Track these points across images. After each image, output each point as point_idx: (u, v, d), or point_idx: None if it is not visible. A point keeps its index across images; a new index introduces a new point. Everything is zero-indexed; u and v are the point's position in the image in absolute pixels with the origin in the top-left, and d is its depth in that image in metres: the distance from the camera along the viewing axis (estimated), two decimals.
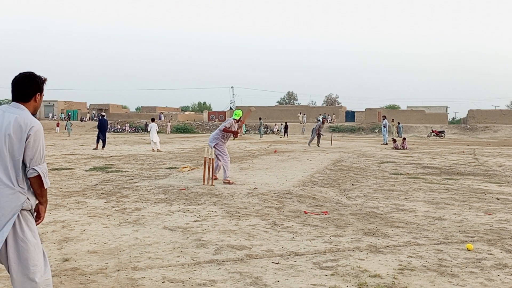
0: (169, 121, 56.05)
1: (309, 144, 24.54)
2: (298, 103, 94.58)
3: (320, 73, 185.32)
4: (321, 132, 24.82)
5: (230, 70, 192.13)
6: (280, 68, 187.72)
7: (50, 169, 11.77)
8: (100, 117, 22.06)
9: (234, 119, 9.69)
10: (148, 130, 22.07)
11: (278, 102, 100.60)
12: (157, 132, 20.47)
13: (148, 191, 8.06)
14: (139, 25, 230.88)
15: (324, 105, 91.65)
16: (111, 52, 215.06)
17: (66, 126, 42.24)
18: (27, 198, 2.73)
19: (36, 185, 2.75)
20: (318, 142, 24.55)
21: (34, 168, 2.70)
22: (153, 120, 21.53)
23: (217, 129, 9.77)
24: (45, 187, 2.79)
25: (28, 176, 2.72)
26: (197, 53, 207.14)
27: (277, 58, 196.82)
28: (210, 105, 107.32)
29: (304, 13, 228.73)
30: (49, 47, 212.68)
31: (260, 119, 45.05)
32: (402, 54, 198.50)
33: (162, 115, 66.70)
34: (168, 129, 51.35)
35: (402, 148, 22.41)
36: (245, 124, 52.82)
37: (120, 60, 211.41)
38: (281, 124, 45.71)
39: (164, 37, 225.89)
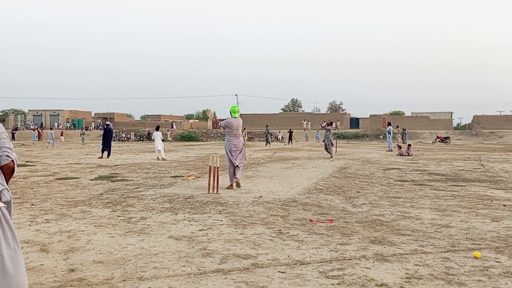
0: (168, 130, 57.00)
1: (331, 156, 20.69)
2: (302, 110, 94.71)
3: (324, 80, 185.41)
4: (327, 141, 20.68)
5: (234, 77, 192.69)
6: (284, 75, 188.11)
7: (56, 179, 11.82)
8: (105, 126, 22.16)
9: (235, 117, 9.84)
10: (152, 138, 22.16)
11: (282, 109, 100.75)
12: (162, 140, 20.53)
13: (154, 200, 8.07)
14: (143, 34, 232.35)
15: (328, 112, 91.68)
16: (115, 60, 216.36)
17: (80, 135, 44.78)
18: (6, 188, 2.80)
19: (9, 171, 2.84)
20: (331, 151, 20.78)
21: (8, 155, 2.81)
22: (157, 128, 21.57)
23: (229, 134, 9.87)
24: (14, 174, 2.91)
25: (3, 163, 2.80)
26: (201, 60, 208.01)
27: (281, 65, 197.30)
28: (214, 113, 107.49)
29: (307, 20, 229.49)
30: (54, 56, 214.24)
31: (266, 126, 44.86)
32: (406, 60, 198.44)
33: (174, 123, 67.69)
34: (169, 138, 51.86)
35: (407, 154, 22.35)
36: (249, 132, 52.94)
37: (124, 69, 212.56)
38: (288, 132, 45.72)
39: (168, 45, 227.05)
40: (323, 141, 21.72)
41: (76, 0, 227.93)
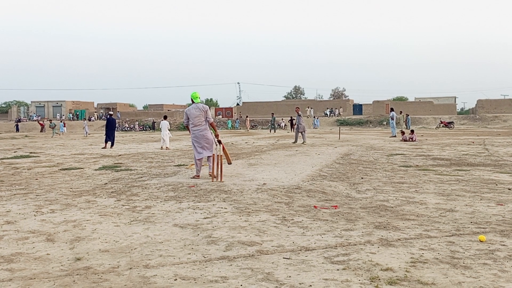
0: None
1: (296, 142, 21.29)
2: (305, 97, 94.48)
3: (327, 66, 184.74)
4: (298, 128, 21.36)
5: (236, 66, 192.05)
6: (287, 63, 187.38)
7: (60, 169, 11.85)
8: (108, 116, 22.16)
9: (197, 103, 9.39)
10: (160, 127, 22.25)
11: (285, 96, 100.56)
12: (169, 130, 20.62)
13: (158, 189, 8.08)
14: (144, 23, 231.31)
15: (331, 98, 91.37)
16: (117, 51, 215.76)
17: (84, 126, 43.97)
18: None
19: None
20: (296, 138, 21.53)
21: None
22: (165, 117, 21.62)
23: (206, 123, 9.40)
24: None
25: None
26: (203, 49, 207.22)
27: (283, 52, 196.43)
28: (217, 101, 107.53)
29: (308, 7, 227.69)
30: (56, 47, 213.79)
31: (272, 114, 44.66)
32: (409, 45, 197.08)
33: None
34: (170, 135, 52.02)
35: (410, 140, 22.28)
36: (252, 120, 52.85)
37: (126, 59, 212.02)
38: (289, 120, 45.71)
39: (170, 34, 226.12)
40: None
41: None
